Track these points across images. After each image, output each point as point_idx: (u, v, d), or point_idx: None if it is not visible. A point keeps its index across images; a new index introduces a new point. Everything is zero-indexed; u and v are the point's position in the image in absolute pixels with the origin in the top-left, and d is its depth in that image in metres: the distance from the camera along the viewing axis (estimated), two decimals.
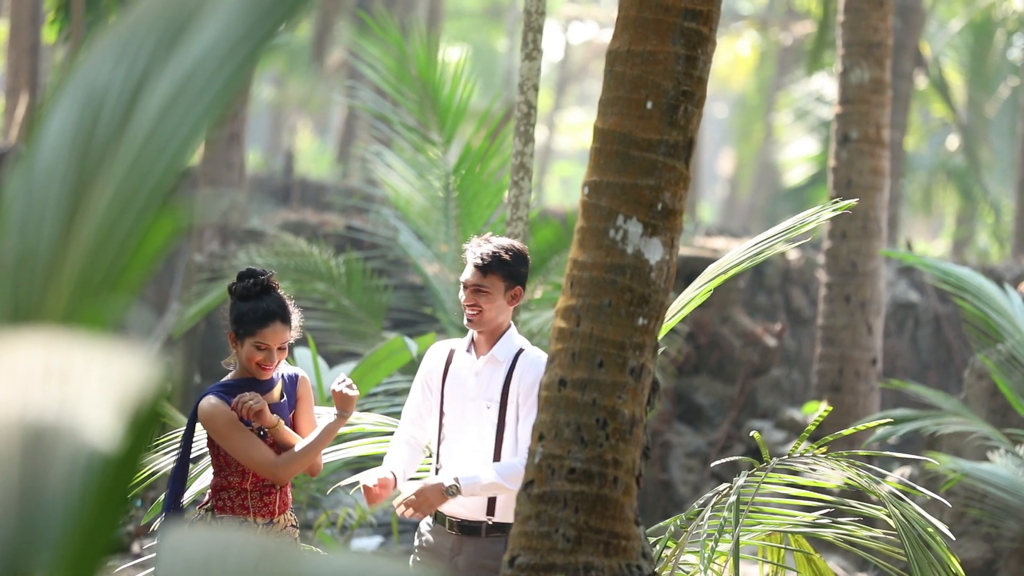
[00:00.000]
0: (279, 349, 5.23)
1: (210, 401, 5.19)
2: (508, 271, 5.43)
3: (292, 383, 5.41)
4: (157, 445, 5.94)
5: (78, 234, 1.57)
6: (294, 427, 5.42)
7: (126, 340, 1.51)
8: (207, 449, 5.66)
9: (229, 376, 5.32)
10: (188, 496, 5.70)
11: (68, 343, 1.46)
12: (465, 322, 5.53)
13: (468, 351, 5.53)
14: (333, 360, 10.73)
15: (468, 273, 5.47)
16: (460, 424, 5.47)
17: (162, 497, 5.94)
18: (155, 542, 5.94)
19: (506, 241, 5.52)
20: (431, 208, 11.95)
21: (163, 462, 5.87)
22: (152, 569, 5.85)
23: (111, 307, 1.55)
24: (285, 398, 5.35)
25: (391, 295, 12.48)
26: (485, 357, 5.48)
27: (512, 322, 5.57)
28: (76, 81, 1.67)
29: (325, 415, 5.44)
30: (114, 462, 1.36)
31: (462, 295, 5.49)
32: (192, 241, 14.94)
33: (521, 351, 5.48)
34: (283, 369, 5.40)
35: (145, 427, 1.37)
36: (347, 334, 11.73)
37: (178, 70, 1.63)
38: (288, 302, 5.31)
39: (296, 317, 5.33)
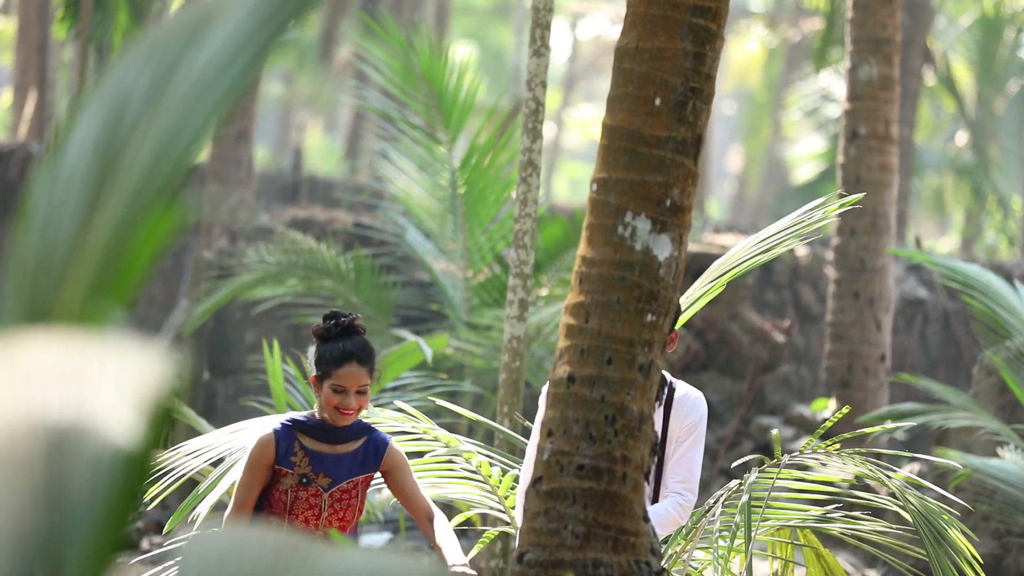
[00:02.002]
0: (358, 393, 4.97)
1: (264, 430, 5.04)
2: (675, 317, 5.24)
3: (378, 448, 5.09)
4: (176, 449, 5.93)
5: (95, 234, 1.59)
6: (398, 495, 5.13)
7: (138, 337, 1.52)
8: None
9: (308, 414, 5.11)
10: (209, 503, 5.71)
11: (83, 342, 1.47)
12: None
13: None
14: None
15: None
16: None
17: (184, 504, 5.94)
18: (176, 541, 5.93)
19: None
20: (438, 205, 11.97)
21: (176, 461, 5.87)
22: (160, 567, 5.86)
23: (118, 303, 1.56)
24: (357, 452, 5.06)
25: (399, 292, 12.49)
26: None
27: None
28: (105, 86, 1.68)
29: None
30: (134, 460, 1.37)
31: None
32: (201, 238, 14.96)
33: (672, 388, 5.35)
34: (375, 432, 5.14)
35: (160, 424, 1.38)
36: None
37: (189, 68, 1.65)
38: (370, 345, 5.07)
39: (378, 360, 5.14)
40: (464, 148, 11.79)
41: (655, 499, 5.36)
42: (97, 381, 1.41)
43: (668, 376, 5.42)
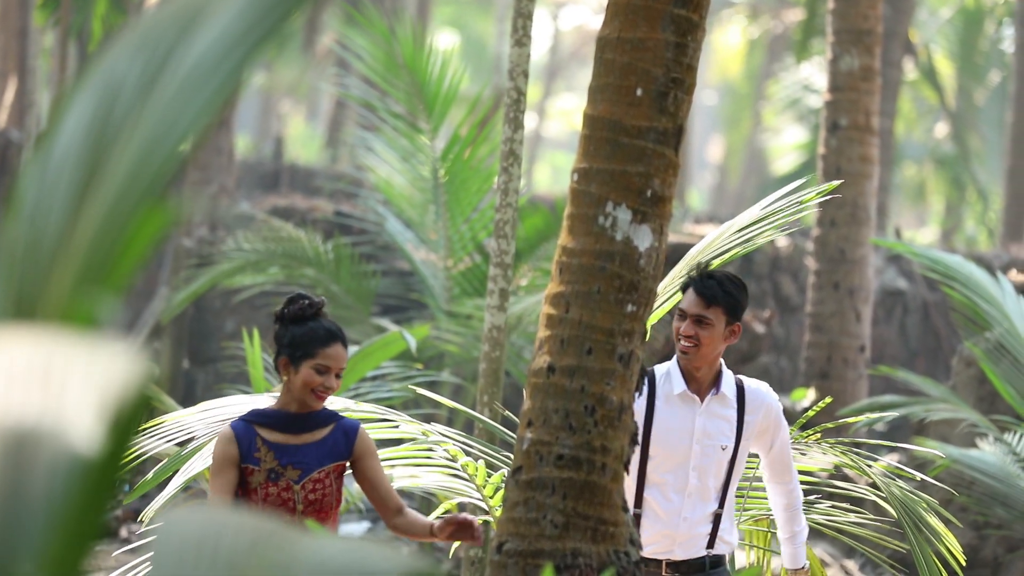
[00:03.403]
0: (336, 376, 4.84)
1: (225, 429, 4.86)
2: (733, 304, 5.13)
3: (348, 434, 4.88)
4: (145, 431, 5.89)
5: (84, 223, 1.58)
6: (364, 483, 4.91)
7: (111, 333, 1.51)
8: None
9: (272, 406, 4.90)
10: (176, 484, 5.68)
11: (52, 341, 1.45)
12: (678, 355, 5.18)
13: (682, 387, 5.18)
14: None
15: (689, 301, 5.12)
16: (677, 467, 5.18)
17: (142, 481, 5.91)
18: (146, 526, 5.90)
19: (729, 272, 5.23)
20: (419, 194, 11.97)
21: (152, 447, 5.85)
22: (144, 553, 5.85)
23: (107, 294, 1.55)
24: (326, 440, 4.85)
25: (379, 281, 12.49)
26: (712, 396, 5.20)
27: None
28: (96, 74, 1.67)
29: None
30: (97, 464, 1.35)
31: (677, 323, 5.14)
32: (180, 226, 14.92)
33: (742, 385, 5.25)
34: (343, 419, 4.95)
35: (128, 425, 1.36)
36: (335, 320, 11.72)
37: (182, 60, 1.64)
38: None
39: (356, 349, 5.02)
40: (446, 138, 11.78)
41: (724, 492, 5.24)
42: (63, 384, 1.39)
43: (730, 371, 5.30)
